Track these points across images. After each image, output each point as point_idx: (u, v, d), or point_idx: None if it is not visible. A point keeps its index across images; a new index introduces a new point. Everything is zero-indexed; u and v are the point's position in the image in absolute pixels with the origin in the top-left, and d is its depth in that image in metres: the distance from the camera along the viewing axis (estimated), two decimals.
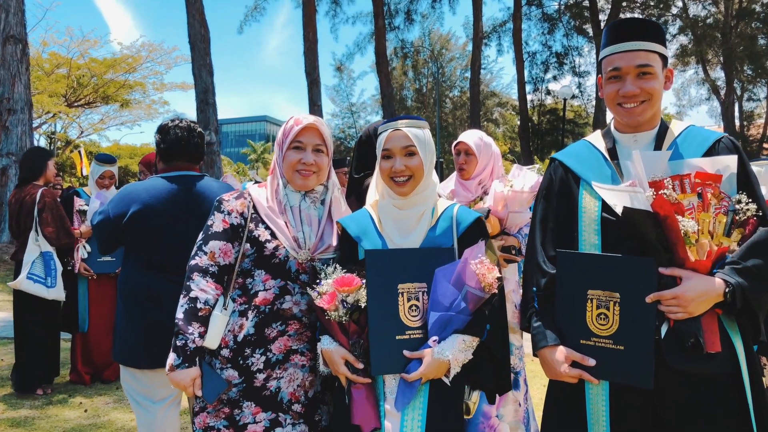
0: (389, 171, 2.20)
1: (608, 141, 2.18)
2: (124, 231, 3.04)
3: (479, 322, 2.07)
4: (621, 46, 2.04)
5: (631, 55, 2.02)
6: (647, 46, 2.02)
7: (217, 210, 2.35)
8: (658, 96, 2.05)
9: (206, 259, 2.28)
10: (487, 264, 2.04)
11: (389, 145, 2.21)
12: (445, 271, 2.07)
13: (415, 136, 2.19)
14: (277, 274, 2.29)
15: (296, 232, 2.31)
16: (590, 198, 2.07)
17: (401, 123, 2.22)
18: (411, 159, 2.19)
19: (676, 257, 1.85)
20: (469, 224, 2.21)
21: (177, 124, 3.16)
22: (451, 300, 2.04)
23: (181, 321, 2.22)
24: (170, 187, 3.07)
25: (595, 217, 2.04)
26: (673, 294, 1.82)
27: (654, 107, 2.07)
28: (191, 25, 17.49)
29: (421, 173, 2.20)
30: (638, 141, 2.12)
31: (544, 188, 2.28)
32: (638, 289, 1.88)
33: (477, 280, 2.02)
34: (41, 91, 26.31)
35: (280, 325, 2.27)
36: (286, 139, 2.35)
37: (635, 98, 2.03)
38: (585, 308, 1.98)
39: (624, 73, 2.04)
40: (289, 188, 2.38)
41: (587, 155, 2.21)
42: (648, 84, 2.02)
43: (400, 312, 2.07)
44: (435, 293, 2.06)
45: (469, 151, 3.71)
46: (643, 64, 2.01)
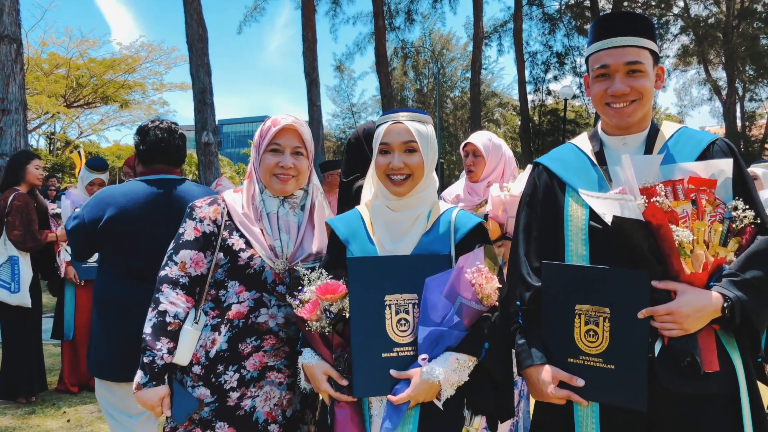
0: (386, 167, 1.99)
1: (595, 144, 2.05)
2: (100, 236, 2.92)
3: (476, 339, 1.86)
4: (609, 42, 1.90)
5: (620, 51, 1.88)
6: (637, 42, 1.88)
7: (189, 217, 2.22)
8: (648, 95, 1.92)
9: (177, 269, 2.15)
10: (485, 273, 1.82)
11: (388, 139, 2.00)
12: (436, 280, 1.86)
13: (417, 131, 1.98)
14: (251, 285, 2.16)
15: (273, 240, 2.18)
16: (577, 205, 1.94)
17: (403, 115, 2.01)
18: (411, 156, 1.98)
19: (670, 269, 1.72)
20: (469, 230, 2.00)
21: (157, 125, 3.03)
22: (443, 313, 1.84)
23: (149, 336, 2.09)
24: (149, 191, 2.94)
25: (582, 226, 1.91)
26: (667, 309, 1.69)
27: (645, 107, 1.93)
28: (189, 25, 17.36)
29: (421, 173, 2.00)
30: (627, 144, 1.98)
31: (528, 195, 2.13)
32: (630, 303, 1.75)
33: (473, 291, 1.82)
34: (40, 92, 26.22)
35: (255, 340, 2.14)
36: (263, 141, 2.21)
37: (625, 98, 1.90)
38: (572, 324, 1.84)
39: (612, 70, 1.90)
40: (266, 193, 2.25)
41: (573, 159, 2.06)
42: (638, 82, 1.88)
43: (387, 327, 1.88)
44: (425, 306, 1.86)
45: (477, 152, 3.62)
46: (633, 61, 1.88)
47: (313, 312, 1.91)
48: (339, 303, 1.91)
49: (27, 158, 5.38)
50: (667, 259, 1.71)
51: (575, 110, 30.93)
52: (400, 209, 2.02)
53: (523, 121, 27.08)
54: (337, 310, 1.90)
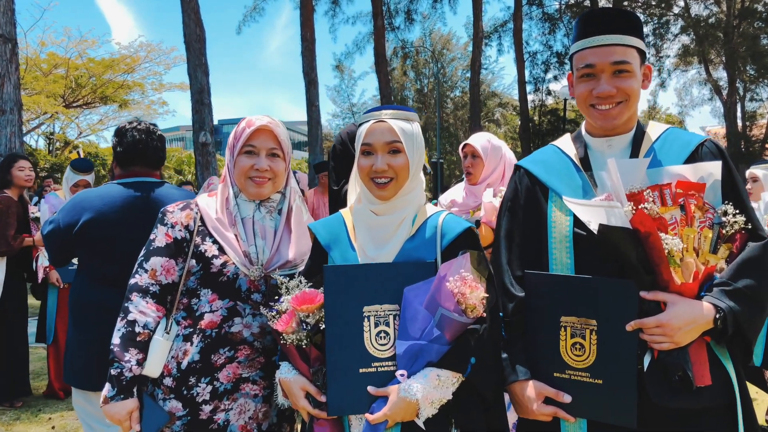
0: (369, 170, 1.84)
1: (579, 146, 1.95)
2: (76, 241, 2.84)
3: (460, 353, 1.70)
4: (594, 40, 1.80)
5: (606, 50, 1.79)
6: (624, 40, 1.78)
7: (160, 222, 2.13)
8: (635, 96, 1.83)
9: (147, 277, 2.06)
10: (469, 281, 1.67)
11: (371, 139, 1.85)
12: (416, 290, 1.72)
13: (401, 129, 1.84)
14: (225, 293, 2.06)
15: (248, 246, 2.09)
16: (560, 212, 1.85)
17: (386, 113, 1.87)
18: (395, 157, 1.84)
19: (659, 279, 1.63)
20: (456, 235, 1.84)
21: (135, 126, 2.95)
22: (423, 326, 1.69)
23: (117, 347, 2.00)
24: (126, 194, 2.86)
25: (566, 234, 1.82)
26: (657, 322, 1.60)
27: (631, 109, 1.84)
28: (186, 25, 17.29)
29: (406, 174, 1.86)
30: (613, 146, 1.89)
31: (509, 199, 2.03)
32: (617, 315, 1.65)
33: (455, 302, 1.67)
34: (39, 92, 26.14)
35: (229, 351, 2.04)
36: (237, 142, 2.12)
37: (611, 99, 1.81)
38: (558, 337, 1.74)
39: (598, 70, 1.80)
40: (241, 197, 2.16)
41: (556, 162, 1.96)
42: (625, 83, 1.79)
43: (365, 340, 1.74)
44: (404, 318, 1.72)
45: (475, 153, 3.55)
46: (620, 60, 1.78)
47: (288, 324, 1.79)
48: (316, 313, 1.78)
49: (10, 161, 5.30)
50: (657, 268, 1.62)
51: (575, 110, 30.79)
52: (384, 213, 1.89)
53: (523, 121, 26.96)
54: (315, 322, 1.78)
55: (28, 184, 5.23)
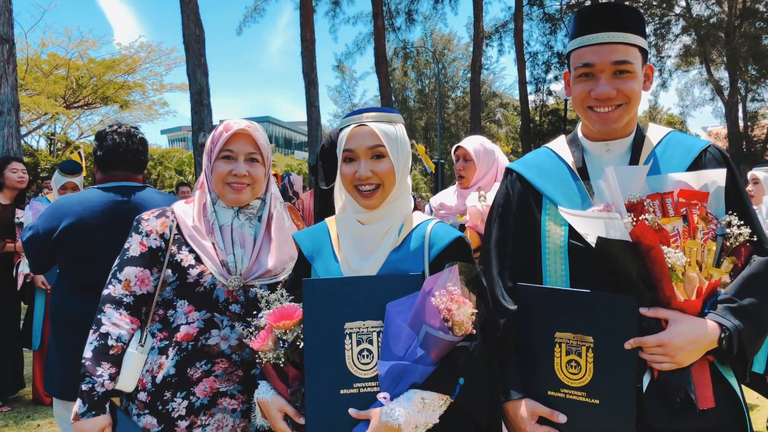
0: (352, 177, 1.73)
1: (575, 150, 1.84)
2: (55, 247, 2.75)
3: (447, 374, 1.57)
4: (594, 38, 1.68)
5: (607, 48, 1.67)
6: (626, 38, 1.67)
7: (135, 231, 2.04)
8: (636, 99, 1.72)
9: (120, 288, 1.97)
10: (456, 296, 1.54)
11: (352, 145, 1.74)
12: (399, 306, 1.59)
13: (384, 133, 1.73)
14: (201, 304, 1.97)
15: (225, 255, 1.99)
16: (555, 221, 1.74)
17: (367, 116, 1.76)
18: (379, 162, 1.73)
19: (661, 295, 1.52)
20: (446, 245, 1.72)
21: (115, 129, 2.86)
22: (406, 345, 1.56)
23: (89, 361, 1.91)
24: (106, 199, 2.76)
25: (561, 244, 1.71)
26: (658, 341, 1.50)
27: (631, 112, 1.73)
28: (186, 26, 17.24)
29: (392, 180, 1.75)
30: (611, 151, 1.79)
31: (500, 205, 1.91)
32: (615, 332, 1.55)
33: (441, 319, 1.53)
34: (39, 92, 26.10)
35: (205, 364, 1.95)
36: (215, 147, 2.02)
37: (610, 101, 1.69)
38: (553, 354, 1.63)
39: (597, 70, 1.69)
40: (219, 204, 2.06)
41: (551, 167, 1.85)
42: (626, 85, 1.68)
43: (346, 359, 1.62)
44: (387, 336, 1.59)
45: (467, 156, 3.47)
46: (621, 60, 1.66)
47: (264, 341, 1.69)
48: (295, 330, 1.67)
49: (3, 163, 5.23)
50: (658, 284, 1.51)
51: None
52: (369, 222, 1.78)
53: (524, 121, 26.87)
54: (293, 339, 1.66)
55: (20, 186, 5.16)
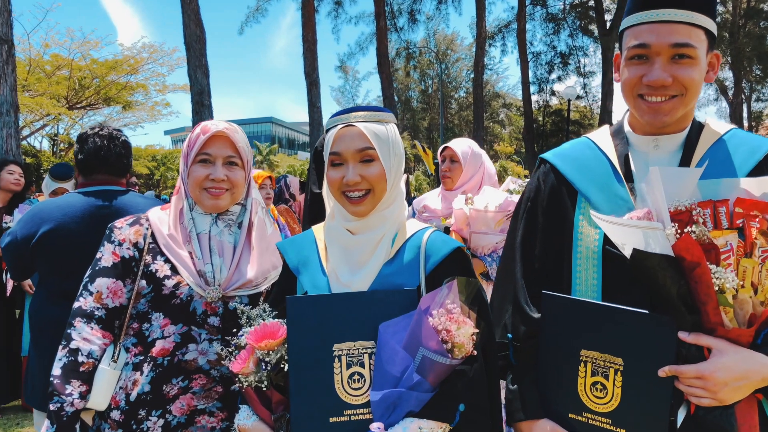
0: (339, 183, 1.59)
1: (619, 143, 1.62)
2: (34, 254, 2.65)
3: (446, 400, 1.44)
4: (654, 14, 1.45)
5: (667, 28, 1.44)
6: (691, 18, 1.44)
7: (107, 240, 1.94)
8: (696, 90, 1.49)
9: (92, 300, 1.87)
10: (456, 315, 1.41)
11: (339, 147, 1.58)
12: (393, 327, 1.45)
13: (374, 134, 1.58)
14: (178, 317, 1.87)
15: (203, 265, 1.89)
16: (590, 222, 1.55)
17: (355, 116, 1.60)
18: (369, 166, 1.58)
19: (705, 320, 1.31)
20: (443, 257, 1.58)
21: (97, 132, 2.76)
22: (402, 370, 1.42)
23: (58, 379, 1.80)
24: (87, 204, 2.67)
25: (595, 249, 1.52)
26: (698, 372, 1.29)
27: (688, 105, 1.51)
28: (186, 26, 17.18)
29: (383, 185, 1.59)
30: (660, 147, 1.56)
31: (529, 199, 1.72)
32: (650, 356, 1.36)
33: (439, 340, 1.40)
34: (42, 93, 26.07)
35: (182, 381, 1.85)
36: (191, 150, 1.92)
37: (664, 90, 1.47)
38: (576, 373, 1.46)
39: (653, 52, 1.46)
40: (196, 210, 1.96)
41: (589, 160, 1.64)
42: (685, 72, 1.45)
43: (335, 383, 1.47)
44: (380, 360, 1.44)
45: (454, 158, 3.38)
46: (682, 42, 1.43)
47: (245, 363, 1.54)
48: (279, 350, 1.51)
49: (0, 165, 5.13)
50: (702, 307, 1.30)
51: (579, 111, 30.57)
52: (360, 231, 1.63)
53: (527, 121, 26.73)
54: (276, 360, 1.51)
55: (16, 188, 5.05)
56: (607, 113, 23.85)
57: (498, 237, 3.10)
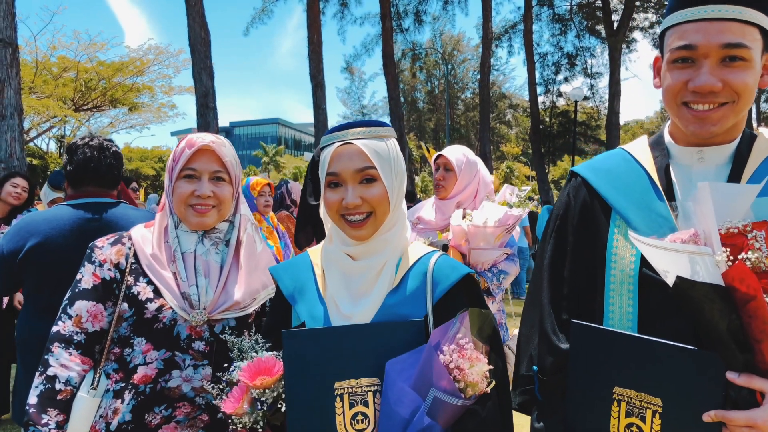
0: (338, 205, 1.47)
1: (659, 156, 1.46)
2: (21, 269, 2.56)
3: None
4: (700, 11, 1.29)
5: (717, 26, 1.28)
6: (743, 14, 1.27)
7: (88, 260, 1.84)
8: (749, 97, 1.32)
9: (71, 324, 1.77)
10: (468, 352, 1.30)
11: (337, 167, 1.47)
12: (401, 364, 1.34)
13: (374, 151, 1.46)
14: (161, 342, 1.76)
15: (187, 287, 1.79)
16: (625, 242, 1.39)
17: (353, 132, 1.48)
18: (370, 187, 1.46)
19: (759, 359, 1.16)
20: (451, 284, 1.46)
21: (87, 142, 2.67)
22: (411, 412, 1.31)
23: (33, 408, 1.70)
24: (76, 217, 2.58)
25: (630, 273, 1.36)
26: (749, 420, 1.16)
27: (739, 113, 1.34)
28: (191, 28, 17.16)
29: (386, 207, 1.48)
30: (705, 159, 1.40)
31: (558, 217, 1.58)
32: (694, 398, 1.22)
33: (450, 380, 1.29)
34: (49, 95, 26.14)
35: (165, 409, 1.75)
36: (176, 165, 1.82)
37: (713, 97, 1.31)
38: (609, 413, 1.31)
39: (701, 54, 1.30)
40: (182, 228, 1.86)
41: (625, 174, 1.48)
42: (737, 76, 1.29)
43: (337, 424, 1.36)
44: (387, 400, 1.33)
45: (448, 165, 3.25)
46: (735, 43, 1.27)
47: (239, 403, 1.41)
48: (275, 388, 1.41)
49: (6, 177, 5.01)
50: (757, 345, 1.15)
51: (587, 112, 30.31)
52: (362, 257, 1.51)
53: (534, 122, 26.54)
54: (273, 399, 1.40)
55: (14, 202, 4.92)
56: (615, 114, 23.63)
57: (497, 252, 3.00)
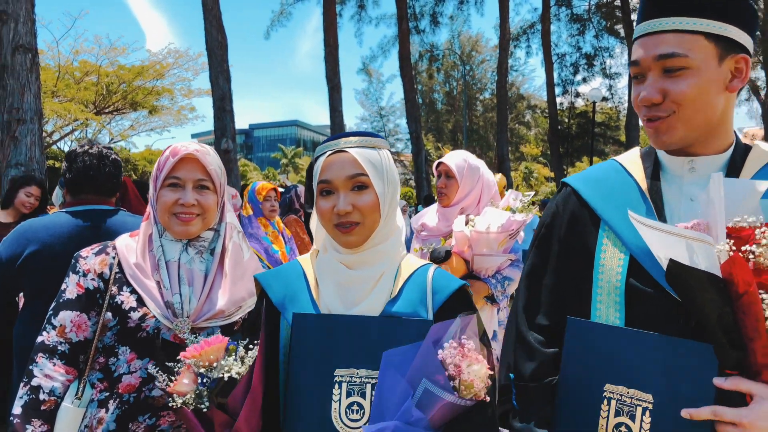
0: (330, 213, 1.48)
1: (649, 166, 1.47)
2: (19, 276, 2.59)
3: None
4: (643, 27, 1.34)
5: (654, 40, 1.31)
6: (681, 24, 1.28)
7: (72, 270, 1.85)
8: (691, 104, 1.30)
9: (55, 334, 1.78)
10: (469, 352, 1.28)
11: (329, 175, 1.48)
12: (399, 355, 1.33)
13: (366, 159, 1.48)
14: (144, 352, 1.77)
15: (171, 296, 1.79)
16: (613, 251, 1.38)
17: (346, 142, 1.51)
18: (361, 195, 1.48)
19: (751, 359, 1.14)
20: (450, 294, 1.49)
21: (86, 150, 2.69)
22: (402, 402, 1.29)
23: (18, 419, 1.70)
24: (74, 224, 2.60)
25: (616, 283, 1.36)
26: (734, 417, 1.14)
27: (690, 122, 1.32)
28: (208, 32, 17.32)
29: (376, 216, 1.49)
30: (697, 169, 1.38)
31: (544, 225, 1.58)
32: (685, 392, 1.19)
33: (445, 375, 1.28)
34: (71, 99, 26.52)
35: (149, 418, 1.75)
36: (160, 174, 1.82)
37: (656, 109, 1.33)
38: (598, 412, 1.28)
39: (645, 68, 1.34)
40: (166, 237, 1.86)
41: (615, 184, 1.48)
42: (676, 86, 1.29)
43: (332, 411, 1.36)
44: (380, 390, 1.32)
45: (449, 173, 3.21)
46: (667, 53, 1.29)
47: (179, 381, 1.39)
48: (220, 361, 1.38)
49: (22, 183, 5.02)
50: (749, 343, 1.13)
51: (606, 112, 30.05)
52: (357, 266, 1.51)
53: (552, 123, 26.37)
54: (219, 373, 1.37)
55: (23, 210, 4.91)
56: (634, 115, 23.40)
57: (501, 258, 2.97)
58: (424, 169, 23.21)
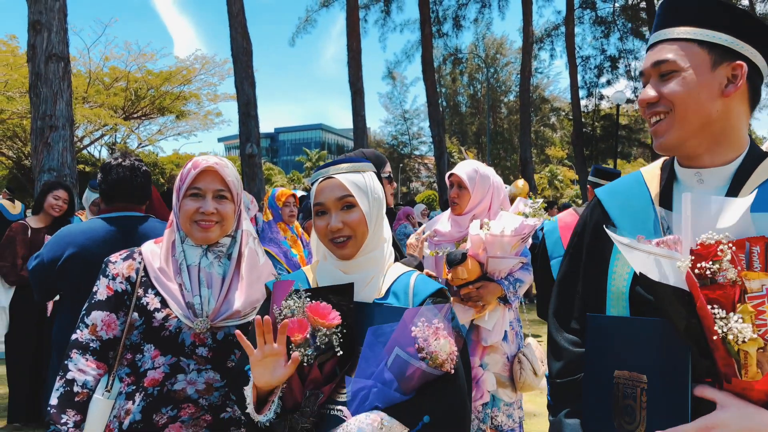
0: (325, 230, 1.75)
1: (665, 177, 1.52)
2: (59, 276, 2.80)
3: (412, 406, 1.53)
4: (651, 40, 1.47)
5: (653, 51, 1.44)
6: (672, 33, 1.40)
7: (102, 274, 2.03)
8: (684, 104, 1.38)
9: (87, 332, 1.96)
10: (439, 330, 1.50)
11: (322, 198, 1.77)
12: (380, 330, 1.58)
13: (352, 183, 1.75)
14: (167, 349, 1.94)
15: (191, 297, 1.95)
16: (624, 260, 1.43)
17: (334, 169, 1.80)
18: (349, 213, 1.74)
19: (718, 368, 1.21)
20: (429, 294, 1.74)
21: (120, 163, 2.91)
22: (376, 366, 1.55)
23: (54, 409, 1.88)
24: (108, 229, 2.81)
25: (623, 290, 1.44)
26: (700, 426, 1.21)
27: (684, 123, 1.39)
28: (233, 39, 17.61)
29: (364, 229, 1.76)
30: (705, 181, 1.43)
31: (575, 234, 1.67)
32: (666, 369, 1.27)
33: (415, 347, 1.50)
34: (101, 105, 27.11)
35: (171, 410, 1.91)
36: (183, 185, 2.00)
37: (654, 108, 1.42)
38: (611, 397, 1.37)
39: (647, 77, 1.45)
40: (188, 243, 2.03)
41: (632, 195, 1.55)
42: (668, 87, 1.39)
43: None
44: (362, 357, 1.58)
45: (461, 184, 3.36)
46: (659, 60, 1.40)
47: (304, 332, 1.56)
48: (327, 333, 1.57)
49: (51, 187, 5.21)
50: (713, 353, 1.20)
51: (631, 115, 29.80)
52: (352, 271, 1.77)
53: (576, 126, 26.25)
54: (323, 342, 1.57)
55: (54, 213, 5.09)
56: None
57: (514, 260, 3.10)
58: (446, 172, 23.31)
